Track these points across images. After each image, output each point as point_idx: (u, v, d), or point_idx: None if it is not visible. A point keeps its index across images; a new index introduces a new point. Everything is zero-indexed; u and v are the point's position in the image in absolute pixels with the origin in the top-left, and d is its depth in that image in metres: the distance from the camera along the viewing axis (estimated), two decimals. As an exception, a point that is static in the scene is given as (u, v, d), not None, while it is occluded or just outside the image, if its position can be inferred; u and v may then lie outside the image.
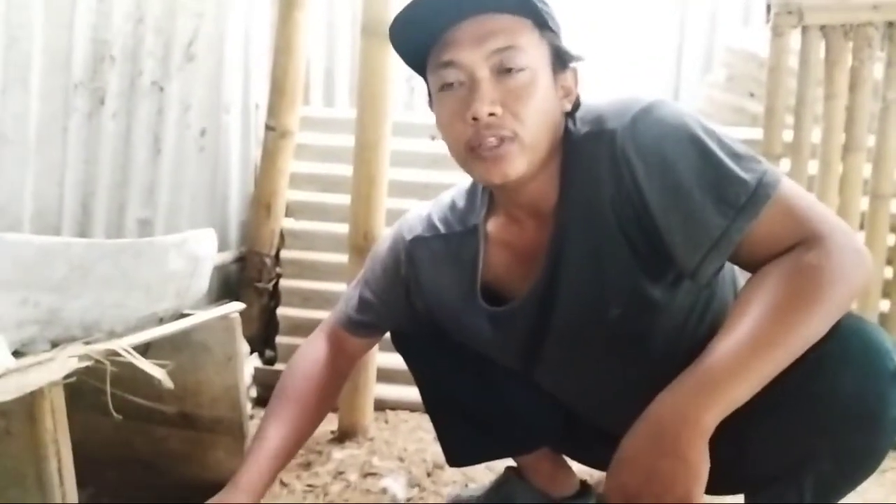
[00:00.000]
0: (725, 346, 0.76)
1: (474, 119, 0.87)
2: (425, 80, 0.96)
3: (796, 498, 0.91)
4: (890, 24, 1.61)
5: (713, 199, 0.83)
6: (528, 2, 0.86)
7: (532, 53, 0.88)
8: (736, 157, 0.85)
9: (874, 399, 0.81)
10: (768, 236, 0.83)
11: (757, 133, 1.81)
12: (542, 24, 0.89)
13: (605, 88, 2.51)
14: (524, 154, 0.88)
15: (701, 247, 0.85)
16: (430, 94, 0.96)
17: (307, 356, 1.15)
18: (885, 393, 0.81)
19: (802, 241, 0.81)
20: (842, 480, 0.90)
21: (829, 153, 1.69)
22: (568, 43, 0.94)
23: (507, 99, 0.87)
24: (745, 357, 0.75)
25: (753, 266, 0.85)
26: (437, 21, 0.88)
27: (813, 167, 1.72)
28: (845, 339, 0.81)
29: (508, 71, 0.87)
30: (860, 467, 0.88)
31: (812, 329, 0.76)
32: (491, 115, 0.86)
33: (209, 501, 0.95)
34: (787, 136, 1.73)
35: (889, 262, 1.69)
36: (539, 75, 0.89)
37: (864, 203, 1.70)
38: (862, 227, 1.70)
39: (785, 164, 1.73)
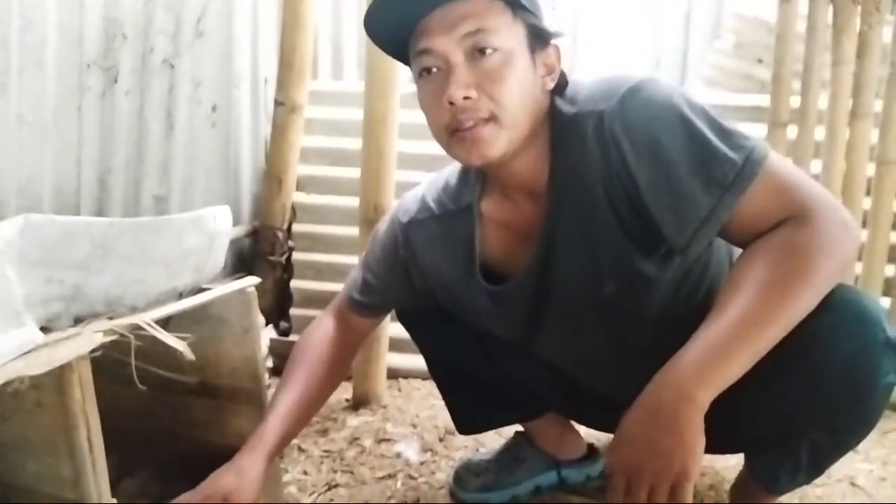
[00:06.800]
0: (718, 325, 0.78)
1: (450, 103, 0.88)
2: (409, 66, 0.96)
3: (792, 462, 0.95)
4: (899, -11, 1.60)
5: (701, 178, 0.84)
6: None
7: (505, 34, 0.88)
8: (724, 134, 0.86)
9: (866, 367, 0.84)
10: (756, 213, 0.84)
11: (764, 99, 1.81)
12: (515, 4, 0.89)
13: (611, 56, 2.50)
14: (503, 134, 0.89)
15: (689, 225, 0.86)
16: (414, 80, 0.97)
17: (316, 333, 1.18)
18: (876, 361, 0.84)
19: (790, 216, 0.82)
20: (835, 445, 0.94)
21: (836, 119, 1.68)
22: (549, 20, 0.94)
23: (481, 81, 0.87)
24: (738, 336, 0.76)
25: (743, 241, 0.86)
26: (409, 12, 0.89)
27: (820, 133, 1.72)
28: (838, 309, 0.83)
29: (482, 54, 0.87)
30: (853, 432, 0.92)
31: (802, 305, 0.78)
32: (466, 98, 0.87)
33: (227, 463, 0.99)
34: (795, 102, 1.73)
35: (895, 227, 1.69)
36: (514, 55, 0.89)
37: (870, 169, 1.70)
38: (868, 193, 1.70)
39: (792, 131, 1.73)
